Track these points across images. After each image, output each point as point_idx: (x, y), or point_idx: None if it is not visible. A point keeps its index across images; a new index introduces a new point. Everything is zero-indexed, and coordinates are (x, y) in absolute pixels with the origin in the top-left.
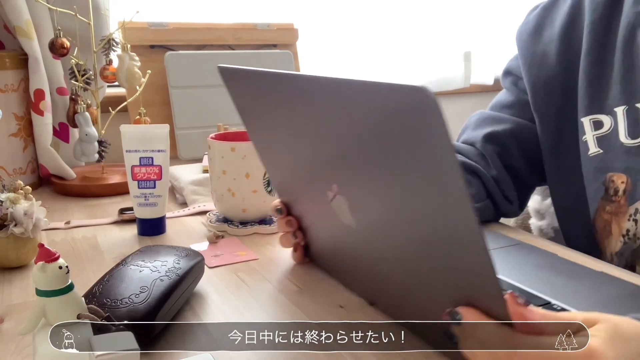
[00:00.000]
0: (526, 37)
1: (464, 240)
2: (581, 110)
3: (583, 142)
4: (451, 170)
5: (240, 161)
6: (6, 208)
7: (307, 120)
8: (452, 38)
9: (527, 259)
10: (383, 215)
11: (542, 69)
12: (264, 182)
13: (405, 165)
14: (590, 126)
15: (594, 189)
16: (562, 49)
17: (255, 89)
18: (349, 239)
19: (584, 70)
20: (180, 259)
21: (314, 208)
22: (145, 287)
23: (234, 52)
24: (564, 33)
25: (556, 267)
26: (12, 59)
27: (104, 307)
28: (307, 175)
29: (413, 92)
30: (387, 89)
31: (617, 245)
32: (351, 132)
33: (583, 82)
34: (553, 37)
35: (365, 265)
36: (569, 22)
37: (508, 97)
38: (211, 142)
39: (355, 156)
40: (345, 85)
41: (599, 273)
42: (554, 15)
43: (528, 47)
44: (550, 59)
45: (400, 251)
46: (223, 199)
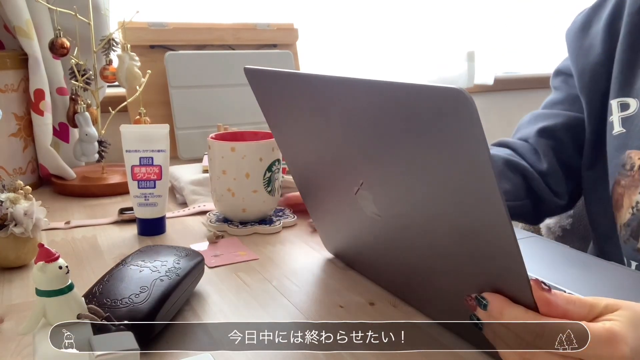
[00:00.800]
0: (574, 34)
1: (493, 233)
2: (612, 93)
3: (610, 122)
4: (485, 169)
5: (241, 161)
6: (6, 208)
7: (334, 120)
8: (455, 38)
9: (541, 250)
10: (411, 209)
11: (588, 58)
12: (264, 182)
13: (438, 163)
14: (617, 108)
15: (614, 165)
16: (606, 39)
17: (281, 89)
18: (374, 231)
19: (618, 56)
20: (180, 259)
21: (338, 203)
22: (145, 287)
23: (234, 52)
24: (609, 25)
25: (569, 258)
26: (12, 59)
27: (104, 307)
28: (332, 171)
29: (451, 94)
30: (424, 90)
31: (626, 216)
32: (382, 131)
33: (617, 67)
34: (599, 30)
35: (390, 257)
36: (613, 16)
37: (559, 95)
38: (211, 142)
39: (385, 154)
40: (378, 86)
41: (611, 264)
42: (601, 14)
43: (576, 42)
44: (595, 48)
45: (426, 242)
46: (223, 199)
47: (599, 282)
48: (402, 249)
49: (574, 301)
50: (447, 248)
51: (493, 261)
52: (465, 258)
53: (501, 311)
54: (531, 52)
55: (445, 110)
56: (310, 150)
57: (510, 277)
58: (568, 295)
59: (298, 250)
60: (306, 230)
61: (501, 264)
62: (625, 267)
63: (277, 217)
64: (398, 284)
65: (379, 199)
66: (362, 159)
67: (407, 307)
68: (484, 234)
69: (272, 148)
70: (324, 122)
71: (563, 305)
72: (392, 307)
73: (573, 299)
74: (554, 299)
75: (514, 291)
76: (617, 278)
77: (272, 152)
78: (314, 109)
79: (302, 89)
